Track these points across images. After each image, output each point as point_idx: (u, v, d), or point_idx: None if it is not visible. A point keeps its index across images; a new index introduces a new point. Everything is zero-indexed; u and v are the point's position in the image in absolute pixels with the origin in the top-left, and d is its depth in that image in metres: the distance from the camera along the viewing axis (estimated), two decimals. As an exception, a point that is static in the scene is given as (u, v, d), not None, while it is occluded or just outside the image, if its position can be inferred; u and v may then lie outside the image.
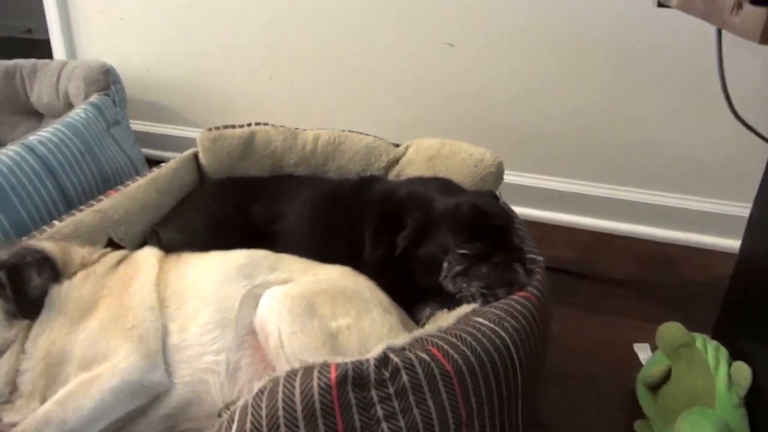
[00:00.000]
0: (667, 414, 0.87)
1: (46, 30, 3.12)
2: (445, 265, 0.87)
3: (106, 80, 1.53)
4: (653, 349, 1.05)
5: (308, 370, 0.58)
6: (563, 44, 1.32)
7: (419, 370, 0.60)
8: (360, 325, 0.80)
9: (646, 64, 1.30)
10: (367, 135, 1.18)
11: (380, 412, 0.58)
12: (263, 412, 0.56)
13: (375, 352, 0.61)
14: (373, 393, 0.58)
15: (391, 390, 0.59)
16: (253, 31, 1.59)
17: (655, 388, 0.91)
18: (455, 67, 1.41)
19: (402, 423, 0.59)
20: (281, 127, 1.18)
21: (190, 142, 1.76)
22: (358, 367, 0.58)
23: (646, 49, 1.29)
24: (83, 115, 1.39)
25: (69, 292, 0.81)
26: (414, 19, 1.41)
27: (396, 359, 0.60)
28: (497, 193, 1.06)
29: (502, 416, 0.68)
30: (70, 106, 1.63)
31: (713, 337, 0.93)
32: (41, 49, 2.14)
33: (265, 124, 1.19)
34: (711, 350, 0.88)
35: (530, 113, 1.41)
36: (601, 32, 1.30)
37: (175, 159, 1.17)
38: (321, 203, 1.07)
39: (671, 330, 0.92)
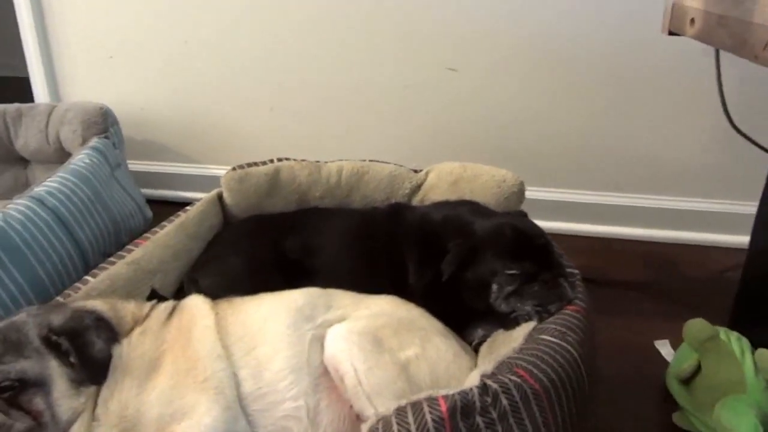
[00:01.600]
0: (704, 404, 0.94)
1: (13, 67, 2.97)
2: (495, 286, 0.92)
3: (104, 122, 1.50)
4: (673, 345, 1.14)
5: (416, 405, 0.61)
6: (561, 66, 1.42)
7: (515, 393, 0.64)
8: (427, 354, 0.83)
9: (641, 82, 1.41)
10: (388, 163, 1.22)
11: (486, 437, 0.62)
12: (383, 452, 0.58)
13: (474, 380, 0.65)
14: (479, 420, 0.62)
15: (495, 415, 0.63)
16: (252, 65, 1.60)
17: (686, 380, 0.99)
18: (458, 92, 1.47)
19: (507, 444, 0.63)
20: (304, 161, 1.20)
21: (188, 179, 1.75)
22: (465, 397, 0.62)
23: (641, 69, 1.40)
24: (87, 161, 1.36)
25: (130, 351, 0.79)
26: (415, 45, 1.47)
27: (494, 385, 0.64)
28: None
29: (581, 424, 0.73)
30: (61, 150, 1.59)
31: (730, 329, 1.02)
32: (13, 87, 2.04)
33: (287, 159, 1.21)
34: (734, 341, 0.97)
35: (532, 132, 1.49)
36: (599, 54, 1.41)
37: (200, 201, 1.16)
38: (356, 234, 1.09)
39: (697, 326, 1.00)
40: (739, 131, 0.95)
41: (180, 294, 1.04)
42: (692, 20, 0.79)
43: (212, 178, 1.73)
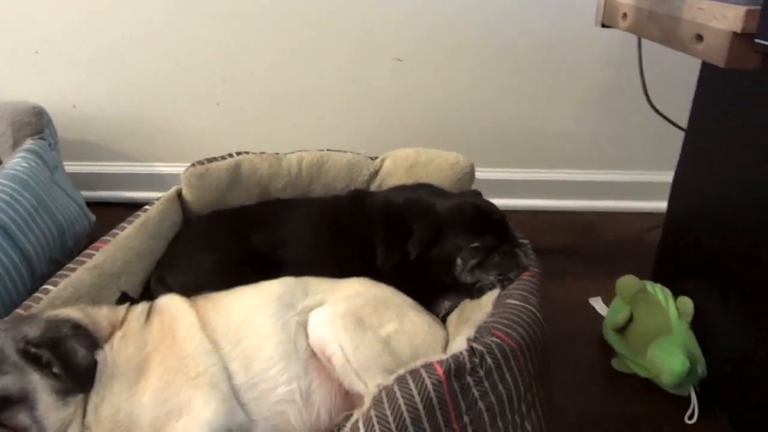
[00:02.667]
0: (637, 348, 1.09)
1: None
2: (459, 261, 1.00)
3: (39, 123, 1.40)
4: (605, 300, 1.30)
5: (414, 372, 0.68)
6: (500, 56, 1.52)
7: (497, 352, 0.73)
8: (405, 328, 0.90)
9: (571, 71, 1.55)
10: (346, 152, 1.26)
11: (476, 393, 0.70)
12: (390, 417, 0.64)
13: (462, 344, 0.72)
14: (469, 379, 0.70)
15: (482, 373, 0.71)
16: (196, 59, 1.55)
17: (621, 330, 1.14)
18: (405, 82, 1.54)
19: (492, 398, 0.71)
20: (263, 153, 1.21)
21: (129, 178, 1.68)
22: (457, 360, 0.69)
23: (572, 59, 1.53)
24: (25, 165, 1.27)
25: (114, 356, 0.78)
26: (362, 37, 1.50)
27: (479, 347, 0.72)
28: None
29: (545, 378, 0.84)
30: (-13, 154, 1.47)
31: (654, 282, 1.18)
32: None
33: (246, 152, 1.21)
34: (659, 291, 1.13)
35: (472, 118, 1.59)
36: (532, 45, 1.52)
37: (159, 200, 1.13)
38: (321, 222, 1.13)
39: (627, 281, 1.15)
40: (656, 111, 1.09)
41: (147, 295, 1.03)
42: (624, 15, 0.91)
43: (155, 176, 1.67)
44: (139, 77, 1.58)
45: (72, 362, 0.73)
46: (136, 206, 1.71)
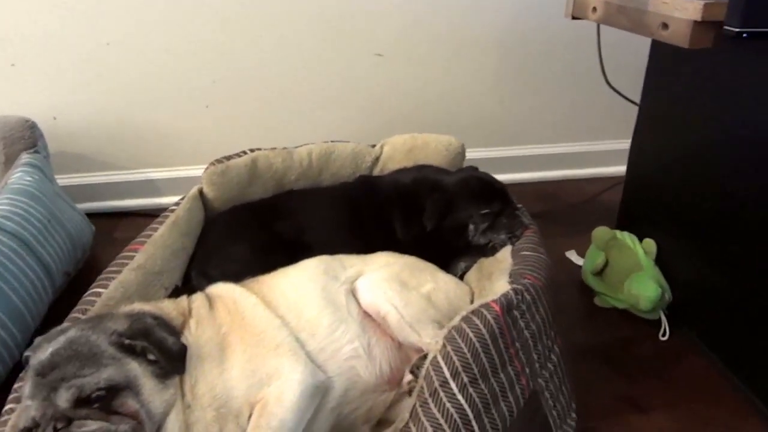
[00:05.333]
0: (615, 285, 1.31)
1: None
2: (472, 226, 1.15)
3: (32, 136, 1.39)
4: (579, 252, 1.51)
5: (476, 311, 0.82)
6: (474, 47, 1.69)
7: (532, 290, 0.89)
8: (439, 285, 1.04)
9: (537, 57, 1.75)
10: (348, 142, 1.37)
11: (521, 324, 0.86)
12: (464, 348, 0.78)
13: (504, 287, 0.88)
14: (516, 312, 0.85)
15: (524, 307, 0.86)
16: (181, 63, 1.58)
17: (598, 273, 1.35)
18: (386, 76, 1.67)
19: (533, 327, 0.87)
20: (275, 149, 1.29)
21: (117, 186, 1.68)
22: (507, 298, 0.84)
23: (538, 46, 1.72)
24: (29, 178, 1.27)
25: (196, 339, 0.84)
26: (346, 34, 1.61)
27: (519, 287, 0.87)
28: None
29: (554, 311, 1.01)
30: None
31: (620, 230, 1.41)
32: None
33: (259, 149, 1.28)
34: (627, 237, 1.35)
35: (448, 104, 1.75)
36: (502, 34, 1.69)
37: (184, 199, 1.18)
38: (339, 207, 1.24)
39: (601, 231, 1.37)
40: (613, 88, 1.30)
41: (187, 289, 1.09)
42: (594, 8, 1.09)
43: (147, 182, 1.68)
44: (122, 84, 1.58)
45: (166, 348, 0.79)
46: (130, 214, 1.72)
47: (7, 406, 0.78)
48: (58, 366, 0.73)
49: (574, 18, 1.15)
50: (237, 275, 1.03)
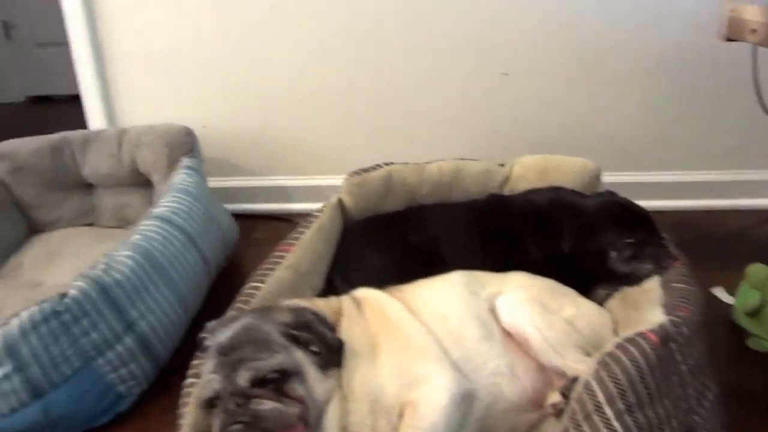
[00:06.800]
0: (772, 328, 1.19)
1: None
2: (614, 254, 1.11)
3: (191, 142, 1.56)
4: (728, 290, 1.39)
5: (632, 340, 0.79)
6: (605, 68, 1.65)
7: (689, 324, 0.84)
8: (581, 311, 1.02)
9: (681, 80, 1.65)
10: (477, 160, 1.39)
11: (678, 357, 0.81)
12: (620, 375, 0.75)
13: (660, 317, 0.84)
14: (673, 345, 0.81)
15: (681, 341, 0.82)
16: (318, 78, 1.70)
17: (752, 314, 1.24)
18: (510, 94, 1.68)
19: (691, 362, 0.83)
20: (408, 164, 1.35)
21: (251, 191, 1.83)
22: (663, 329, 0.80)
23: (682, 69, 1.64)
24: (191, 180, 1.43)
25: (349, 337, 0.88)
26: (472, 52, 1.65)
27: (676, 319, 0.83)
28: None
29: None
30: (136, 173, 1.64)
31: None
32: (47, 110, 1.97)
33: (392, 163, 1.35)
34: (786, 278, 1.23)
35: (579, 125, 1.71)
36: (638, 56, 1.63)
37: (326, 206, 1.27)
38: (470, 222, 1.25)
39: (757, 268, 1.25)
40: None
41: (329, 291, 1.16)
42: (753, 30, 1.03)
43: (279, 188, 1.82)
44: (262, 97, 1.74)
45: (327, 341, 0.84)
46: (264, 217, 1.87)
47: (189, 380, 0.88)
48: (237, 348, 0.80)
49: (728, 40, 1.09)
50: (376, 281, 1.08)
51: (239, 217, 1.79)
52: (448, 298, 1.00)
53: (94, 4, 1.68)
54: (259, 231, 1.73)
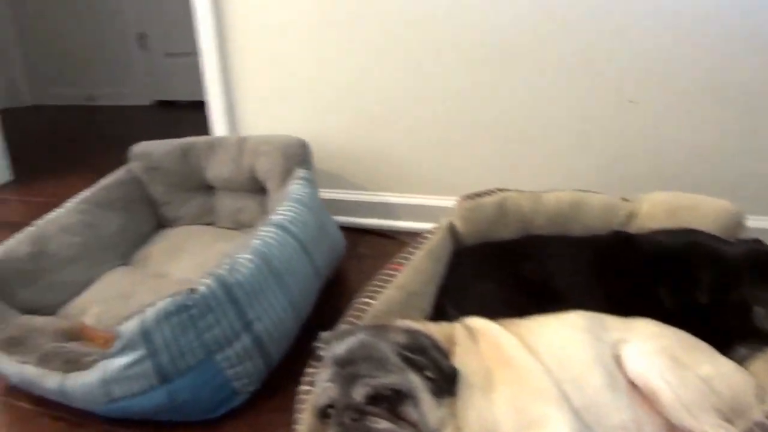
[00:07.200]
0: None
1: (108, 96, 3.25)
2: (760, 310, 1.00)
3: (305, 154, 1.63)
4: None
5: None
6: (743, 102, 1.50)
7: None
8: (719, 369, 0.91)
9: None
10: (598, 193, 1.32)
11: None
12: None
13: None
14: None
15: None
16: (428, 98, 1.71)
17: None
18: (637, 124, 1.57)
19: None
20: (523, 191, 1.31)
21: (356, 205, 1.87)
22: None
23: None
24: (305, 191, 1.48)
25: (463, 367, 0.86)
26: (596, 78, 1.57)
27: None
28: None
29: None
30: (253, 180, 1.73)
31: None
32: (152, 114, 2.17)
33: (507, 189, 1.32)
34: None
35: (708, 160, 1.57)
36: None
37: (436, 229, 1.26)
38: (591, 259, 1.18)
39: None
40: None
41: (437, 316, 1.14)
42: None
43: (384, 204, 1.85)
44: (371, 114, 1.77)
45: (442, 368, 0.82)
46: (369, 232, 1.89)
47: (304, 387, 0.91)
48: (353, 362, 0.81)
49: None
50: (486, 310, 1.04)
51: (344, 229, 1.84)
52: (568, 340, 0.94)
53: (224, 19, 1.82)
54: (363, 245, 1.75)
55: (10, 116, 2.82)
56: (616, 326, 0.99)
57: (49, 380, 1.09)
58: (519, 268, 1.19)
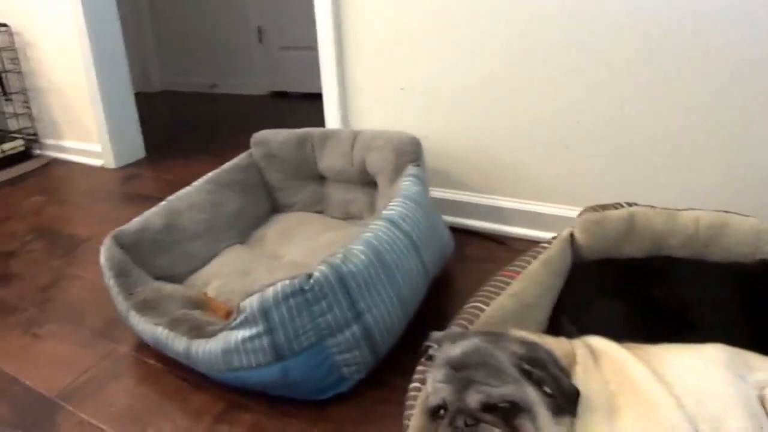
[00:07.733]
0: None
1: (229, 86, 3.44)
2: None
3: (417, 151, 1.63)
4: None
5: None
6: None
7: None
8: None
9: None
10: (748, 216, 1.18)
11: None
12: None
13: None
14: None
15: None
16: (547, 101, 1.63)
17: None
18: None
19: None
20: (656, 207, 1.21)
21: (465, 206, 1.84)
22: None
23: None
24: (416, 188, 1.47)
25: (584, 388, 0.80)
26: (745, 83, 1.40)
27: None
28: None
29: None
30: (364, 173, 1.76)
31: None
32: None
33: (636, 204, 1.22)
34: None
35: None
36: None
37: (555, 239, 1.20)
38: (734, 289, 1.06)
39: None
40: None
41: (552, 331, 1.08)
42: None
43: (495, 208, 1.80)
44: (488, 115, 1.72)
45: (562, 385, 0.78)
46: (477, 235, 1.86)
47: (414, 384, 0.90)
48: (468, 367, 0.79)
49: None
50: (608, 331, 0.97)
51: (451, 230, 1.82)
52: (705, 375, 0.85)
53: (342, 13, 1.86)
54: (470, 247, 1.72)
55: (142, 100, 3.12)
56: (762, 366, 0.88)
57: (177, 343, 1.20)
58: (648, 290, 1.10)
